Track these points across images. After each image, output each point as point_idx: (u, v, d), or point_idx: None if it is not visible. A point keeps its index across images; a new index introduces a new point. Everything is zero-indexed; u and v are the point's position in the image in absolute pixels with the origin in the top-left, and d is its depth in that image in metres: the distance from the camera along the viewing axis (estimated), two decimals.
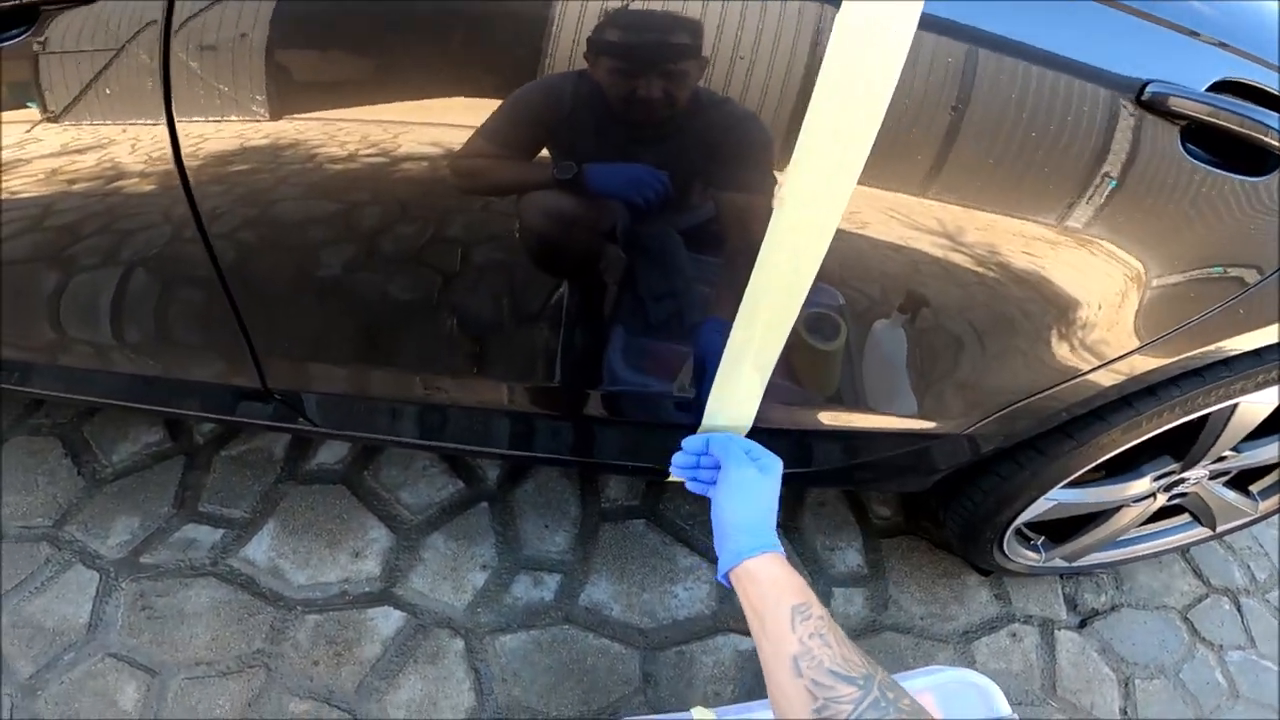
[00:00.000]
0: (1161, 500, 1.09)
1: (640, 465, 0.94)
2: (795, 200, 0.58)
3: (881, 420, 0.83)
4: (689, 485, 0.73)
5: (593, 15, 0.55)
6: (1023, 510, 1.01)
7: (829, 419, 0.83)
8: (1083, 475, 1.02)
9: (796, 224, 0.60)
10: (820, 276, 0.63)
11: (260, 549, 1.13)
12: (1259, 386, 0.85)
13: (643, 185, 0.65)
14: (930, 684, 0.89)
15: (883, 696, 0.50)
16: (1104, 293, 0.71)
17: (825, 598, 1.28)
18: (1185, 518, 1.25)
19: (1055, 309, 0.72)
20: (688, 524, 1.29)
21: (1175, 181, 0.64)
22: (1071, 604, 1.41)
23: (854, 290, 0.71)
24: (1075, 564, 1.26)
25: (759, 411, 0.74)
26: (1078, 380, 0.77)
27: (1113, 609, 1.43)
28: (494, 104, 0.60)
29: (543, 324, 0.76)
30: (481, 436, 0.93)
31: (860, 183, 0.57)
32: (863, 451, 0.90)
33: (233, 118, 0.62)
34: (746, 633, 1.19)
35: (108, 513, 1.14)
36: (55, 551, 1.10)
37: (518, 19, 0.58)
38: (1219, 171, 0.64)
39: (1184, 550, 1.56)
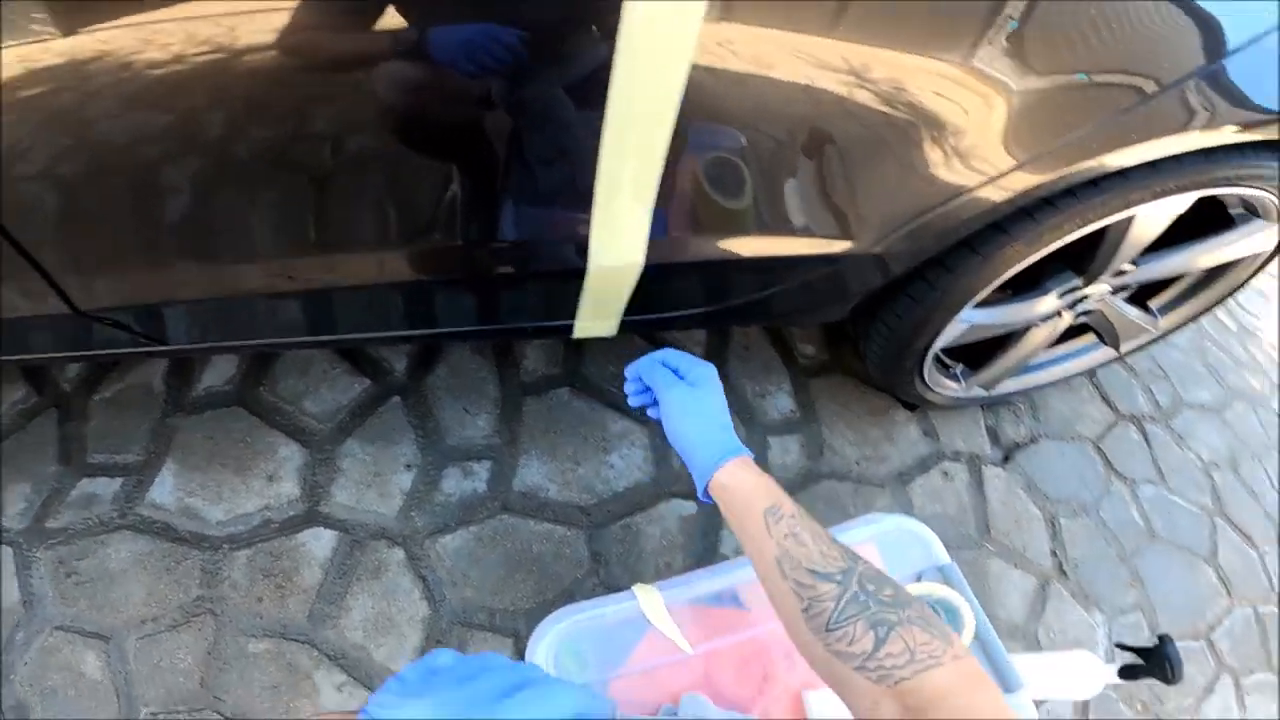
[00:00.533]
0: (1068, 319, 1.12)
1: (547, 325, 0.90)
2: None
3: (793, 244, 0.81)
4: (648, 413, 0.71)
5: None
6: (938, 334, 1.02)
7: (740, 248, 0.81)
8: (991, 296, 1.04)
9: (650, 40, 0.55)
10: (723, 119, 0.62)
11: (165, 491, 1.06)
12: (1155, 198, 0.86)
13: (477, 50, 0.57)
14: (872, 534, 0.92)
15: (862, 590, 0.50)
16: (980, 114, 0.72)
17: (761, 447, 1.29)
18: (1090, 338, 1.30)
19: (939, 131, 0.72)
20: (613, 385, 1.27)
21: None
22: (994, 437, 1.47)
23: (758, 132, 0.69)
24: (994, 392, 1.30)
25: (665, 250, 0.71)
26: (967, 196, 0.78)
27: (1032, 440, 1.50)
28: None
29: (427, 191, 0.70)
30: (372, 321, 0.86)
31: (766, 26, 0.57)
32: (778, 279, 0.89)
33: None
34: (688, 496, 1.21)
35: None
36: None
37: None
38: None
39: (1092, 373, 1.62)
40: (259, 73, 0.59)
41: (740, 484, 0.59)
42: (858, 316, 1.08)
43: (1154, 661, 0.91)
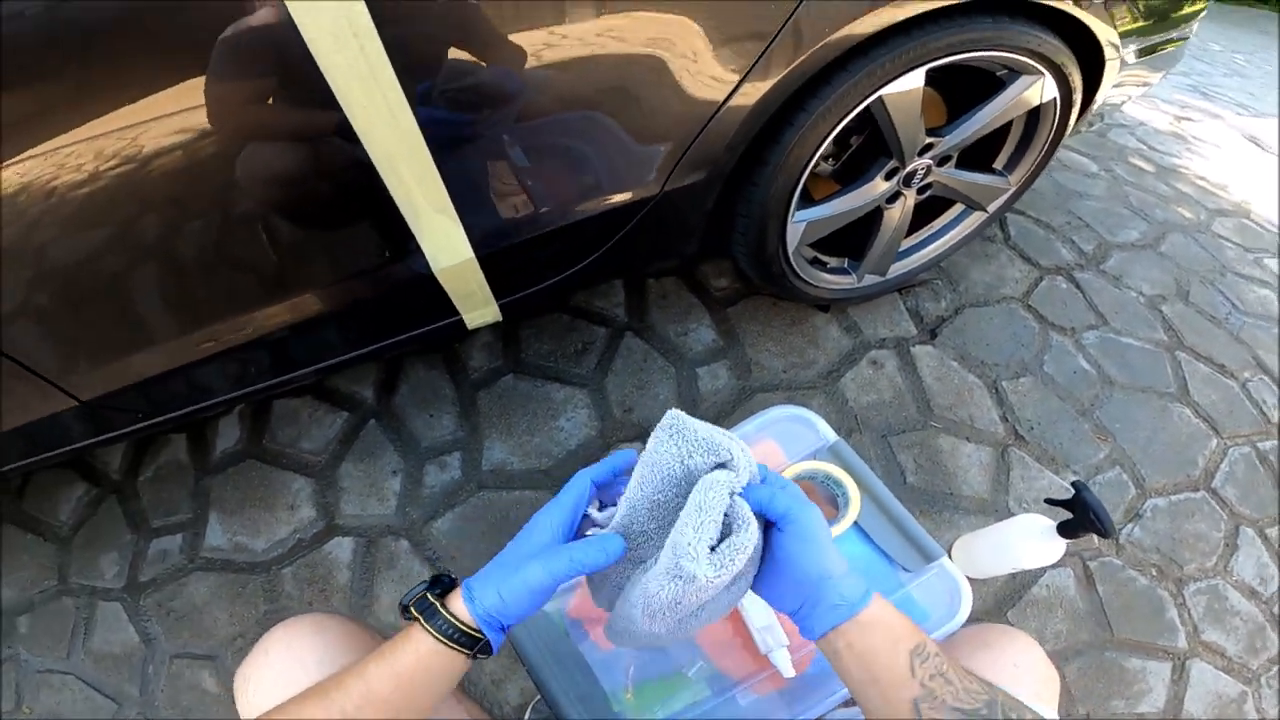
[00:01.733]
0: (912, 195, 1.22)
1: (443, 324, 1.06)
2: (346, 57, 0.68)
3: (594, 203, 0.95)
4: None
5: None
6: (784, 238, 1.14)
7: (548, 220, 0.94)
8: (820, 193, 1.17)
9: (362, 85, 0.70)
10: (471, 120, 0.74)
11: (217, 535, 1.30)
12: (890, 77, 0.97)
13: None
14: (762, 427, 0.98)
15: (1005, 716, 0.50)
16: (684, 49, 0.83)
17: (691, 379, 1.41)
18: (959, 207, 1.39)
19: (664, 69, 0.84)
20: (549, 360, 1.43)
21: None
22: (917, 317, 1.52)
23: (513, 117, 0.82)
24: (889, 276, 1.40)
25: (487, 238, 0.87)
26: (718, 116, 0.90)
27: (956, 312, 1.53)
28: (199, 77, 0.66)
29: (312, 240, 0.87)
30: (311, 354, 1.03)
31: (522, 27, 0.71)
32: (604, 235, 1.02)
33: None
34: (633, 440, 1.34)
35: (90, 557, 1.31)
36: (76, 599, 1.27)
37: None
38: None
39: (1006, 238, 1.66)
40: (172, 171, 0.71)
41: (885, 623, 0.54)
42: (719, 243, 1.20)
43: (1079, 513, 0.90)
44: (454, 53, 0.75)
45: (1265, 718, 1.21)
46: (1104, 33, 1.08)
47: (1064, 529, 0.94)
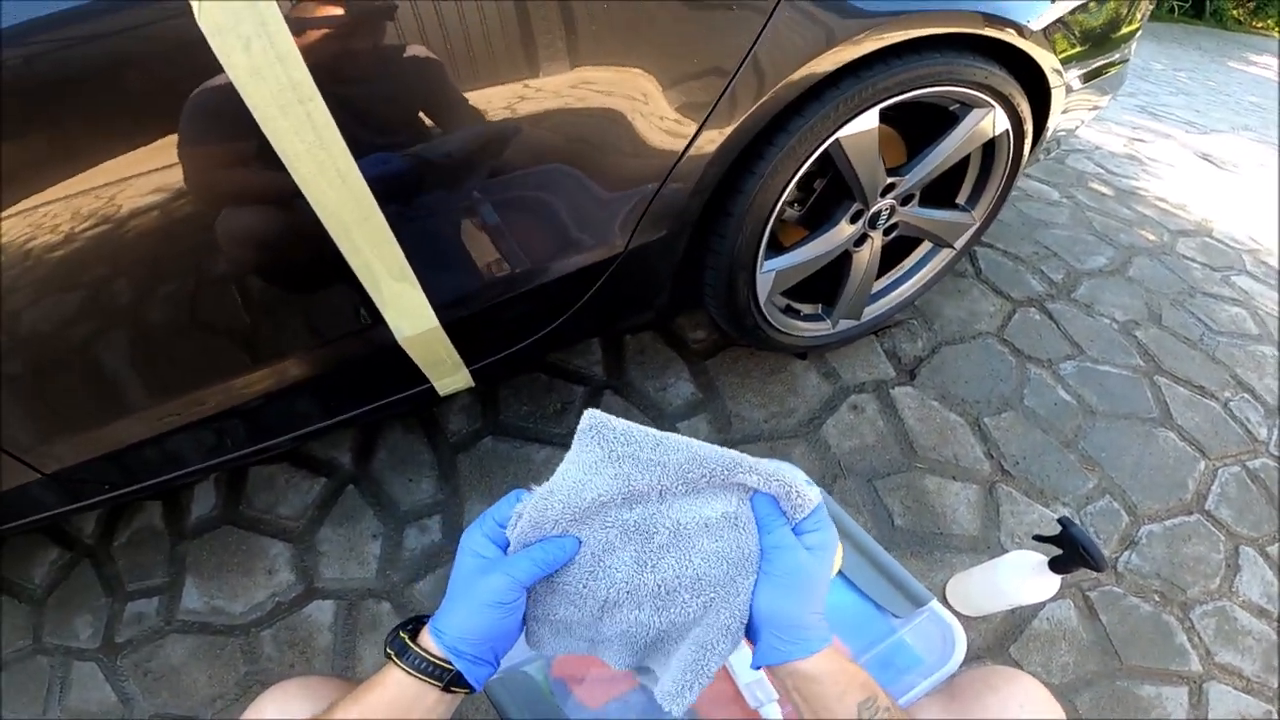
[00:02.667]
0: (879, 237, 1.24)
1: (415, 391, 1.05)
2: (289, 136, 0.68)
3: (559, 265, 0.95)
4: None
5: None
6: (755, 289, 1.15)
7: (511, 286, 0.94)
8: (787, 241, 1.18)
9: (309, 152, 0.70)
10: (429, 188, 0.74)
11: (194, 599, 1.27)
12: (844, 119, 0.99)
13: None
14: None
15: None
16: (641, 103, 0.84)
17: (670, 430, 1.40)
18: (928, 245, 1.41)
19: (622, 128, 0.85)
20: (528, 421, 1.42)
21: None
22: (895, 358, 1.53)
23: (468, 187, 0.83)
24: (864, 320, 1.41)
25: (450, 306, 0.87)
26: (674, 171, 0.91)
27: (933, 351, 1.54)
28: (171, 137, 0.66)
29: (277, 310, 0.86)
30: (281, 425, 1.02)
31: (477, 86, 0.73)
32: (571, 297, 1.02)
33: None
34: None
35: (64, 619, 1.28)
36: (51, 659, 1.24)
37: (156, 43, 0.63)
38: None
39: (977, 272, 1.69)
40: (143, 235, 0.70)
41: (831, 674, 0.54)
42: (690, 297, 1.21)
43: (1068, 549, 0.89)
44: (404, 115, 0.76)
45: None
46: (1046, 60, 1.12)
47: (1055, 565, 0.93)
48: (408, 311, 0.87)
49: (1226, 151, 3.03)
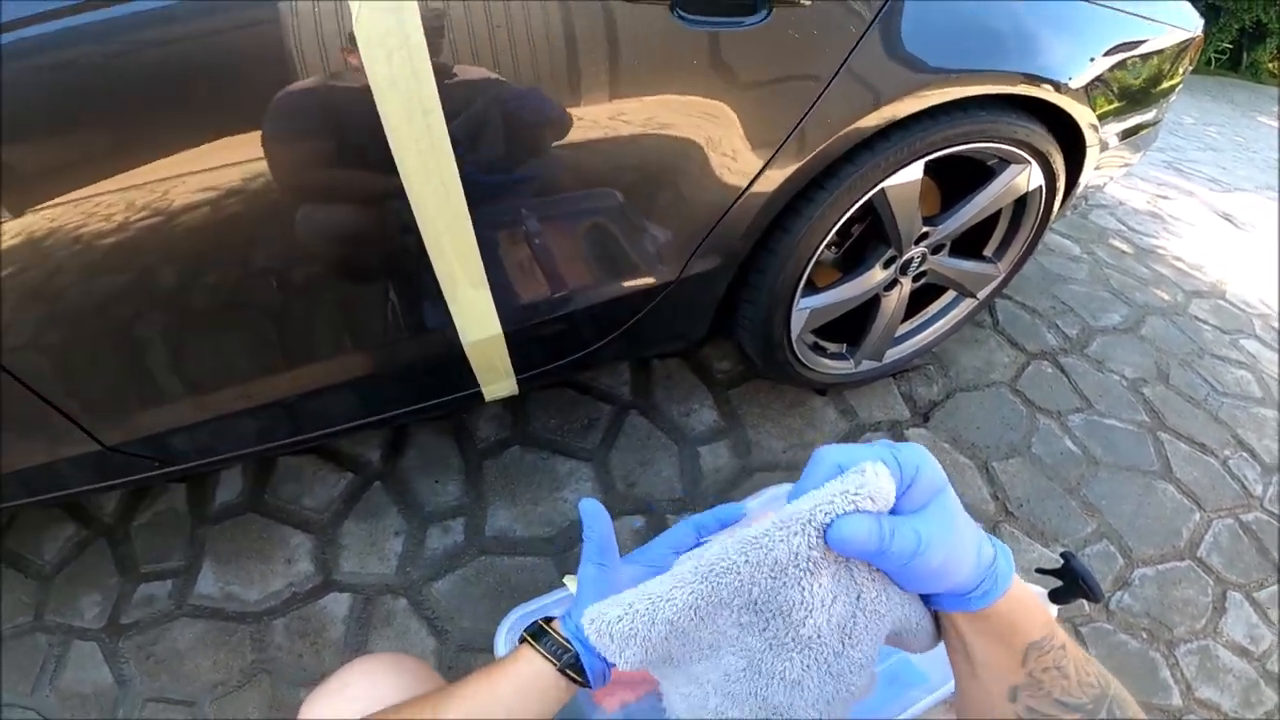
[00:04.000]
0: (908, 283, 1.28)
1: (463, 394, 1.09)
2: (409, 144, 0.74)
3: (616, 288, 1.00)
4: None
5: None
6: (787, 325, 1.19)
7: (572, 302, 0.99)
8: (821, 282, 1.22)
9: (422, 160, 0.75)
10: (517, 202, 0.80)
11: (209, 584, 1.29)
12: (892, 169, 1.03)
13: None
14: (765, 504, 0.97)
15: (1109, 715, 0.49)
16: (717, 136, 0.89)
17: (693, 458, 1.44)
18: (952, 294, 1.45)
19: (693, 161, 0.90)
20: (555, 434, 1.46)
21: (671, 44, 0.82)
22: (910, 400, 1.58)
23: (552, 205, 0.88)
24: (885, 362, 1.45)
25: (514, 317, 0.93)
26: (735, 206, 0.96)
27: (948, 397, 1.59)
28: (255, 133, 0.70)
29: (343, 308, 0.90)
30: (327, 418, 1.05)
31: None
32: (622, 318, 1.06)
33: None
34: (636, 513, 1.38)
35: (70, 596, 1.29)
36: (51, 636, 1.25)
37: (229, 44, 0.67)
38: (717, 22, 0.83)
39: (995, 323, 1.73)
40: (193, 228, 0.73)
41: (1015, 610, 0.47)
42: (724, 327, 1.25)
43: (1069, 581, 0.89)
44: (505, 134, 0.81)
45: None
46: (1083, 116, 1.16)
47: (1054, 596, 0.94)
48: (477, 318, 0.91)
49: (1247, 211, 3.08)
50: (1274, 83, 8.22)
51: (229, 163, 0.72)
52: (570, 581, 0.81)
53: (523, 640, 0.56)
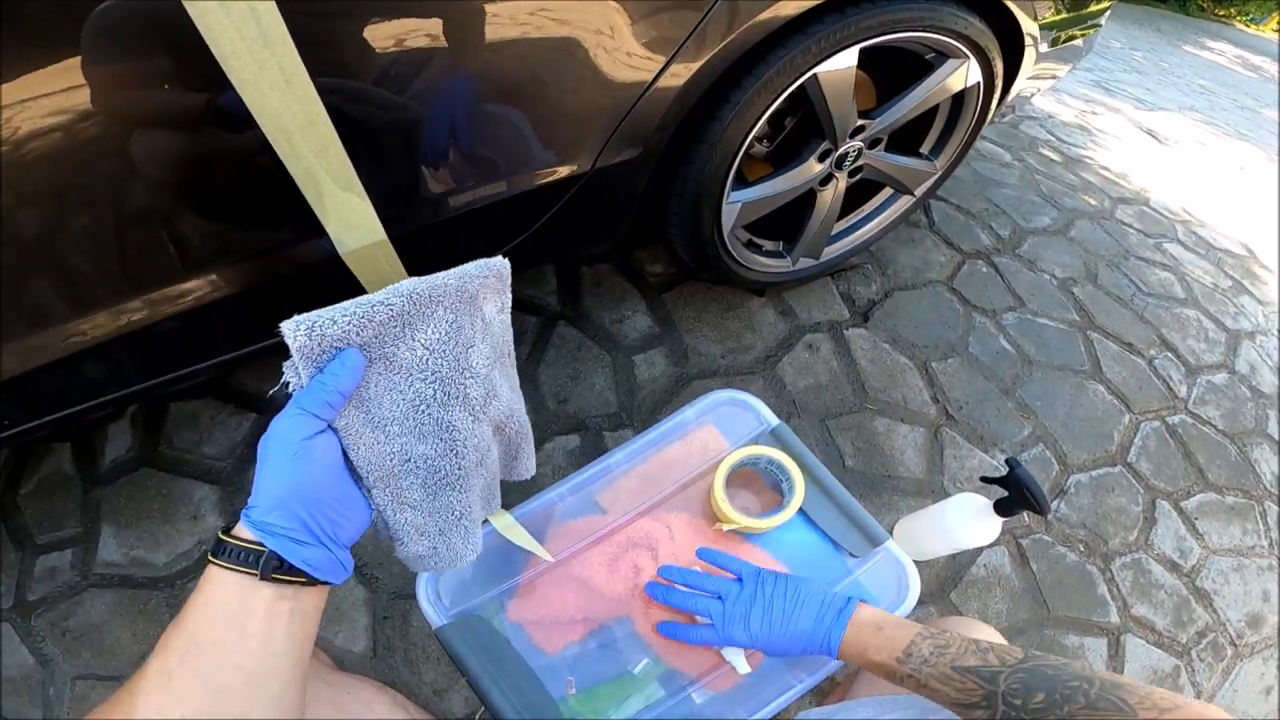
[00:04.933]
0: (844, 178, 1.22)
1: None
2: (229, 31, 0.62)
3: (519, 181, 0.90)
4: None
5: None
6: (720, 219, 1.12)
7: (466, 199, 0.88)
8: (754, 174, 1.15)
9: (250, 49, 0.63)
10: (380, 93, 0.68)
11: (111, 550, 1.17)
12: (824, 54, 0.96)
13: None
14: (702, 412, 0.96)
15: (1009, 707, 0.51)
16: (616, 29, 0.80)
17: (628, 367, 1.38)
18: (889, 191, 1.41)
19: (592, 46, 0.80)
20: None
21: None
22: (849, 300, 1.54)
23: (422, 93, 0.76)
24: (822, 260, 1.41)
25: (398, 219, 0.81)
26: (645, 98, 0.87)
27: (886, 296, 1.56)
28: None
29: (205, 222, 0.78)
30: (241, 337, 0.93)
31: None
32: (532, 214, 0.97)
33: None
34: (570, 431, 1.27)
35: None
36: None
37: None
38: None
39: (931, 223, 1.71)
40: (45, 157, 0.63)
41: (860, 649, 0.63)
42: (652, 224, 1.17)
43: (1014, 491, 0.91)
44: (362, 18, 0.68)
45: (1200, 691, 1.26)
46: (1025, 20, 1.11)
47: (1000, 507, 0.95)
48: (353, 224, 0.79)
49: (1170, 129, 3.16)
50: (1201, 15, 8.46)
51: (58, 89, 0.61)
52: (495, 518, 0.77)
53: (209, 559, 0.46)
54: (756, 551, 0.86)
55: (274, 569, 0.44)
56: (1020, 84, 1.29)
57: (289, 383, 0.49)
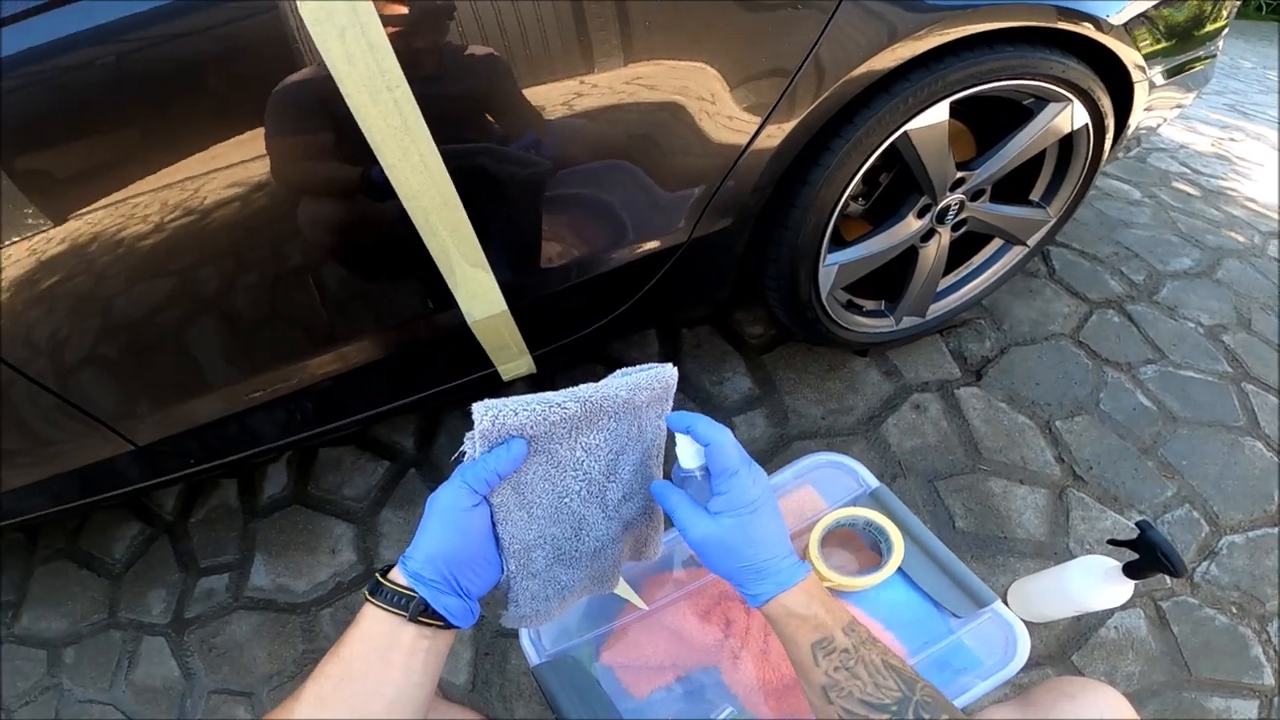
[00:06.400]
0: (947, 233, 1.20)
1: (479, 375, 1.08)
2: (378, 121, 0.72)
3: (625, 253, 0.96)
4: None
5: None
6: (817, 282, 1.13)
7: (579, 273, 0.95)
8: (851, 235, 1.16)
9: (395, 137, 0.73)
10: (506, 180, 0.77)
11: (261, 576, 1.33)
12: (913, 111, 0.96)
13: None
14: (800, 474, 0.98)
15: (916, 716, 0.52)
16: (708, 94, 0.84)
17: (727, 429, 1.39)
18: (999, 242, 1.36)
19: (685, 118, 0.85)
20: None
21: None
22: (960, 358, 1.48)
23: (542, 178, 0.85)
24: (929, 318, 1.37)
25: (519, 292, 0.90)
26: (739, 164, 0.90)
27: (1002, 352, 1.49)
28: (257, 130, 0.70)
29: (356, 295, 0.90)
30: (356, 404, 1.06)
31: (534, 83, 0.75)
32: (635, 285, 1.02)
33: (10, 241, 0.69)
34: None
35: (139, 593, 1.35)
36: (123, 633, 1.32)
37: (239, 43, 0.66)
38: None
39: (1050, 272, 1.62)
40: (227, 224, 0.74)
41: (787, 614, 0.58)
42: (751, 290, 1.20)
43: (1146, 554, 0.87)
44: (484, 104, 0.78)
45: None
46: (1128, 55, 1.07)
47: (1130, 570, 0.90)
48: (479, 296, 0.89)
49: None
50: None
51: (238, 161, 0.72)
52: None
53: (365, 596, 0.54)
54: (853, 610, 0.85)
55: (420, 612, 0.52)
56: (1136, 118, 1.23)
57: (465, 452, 0.58)
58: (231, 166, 0.72)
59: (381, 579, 0.54)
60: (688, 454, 0.65)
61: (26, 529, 1.49)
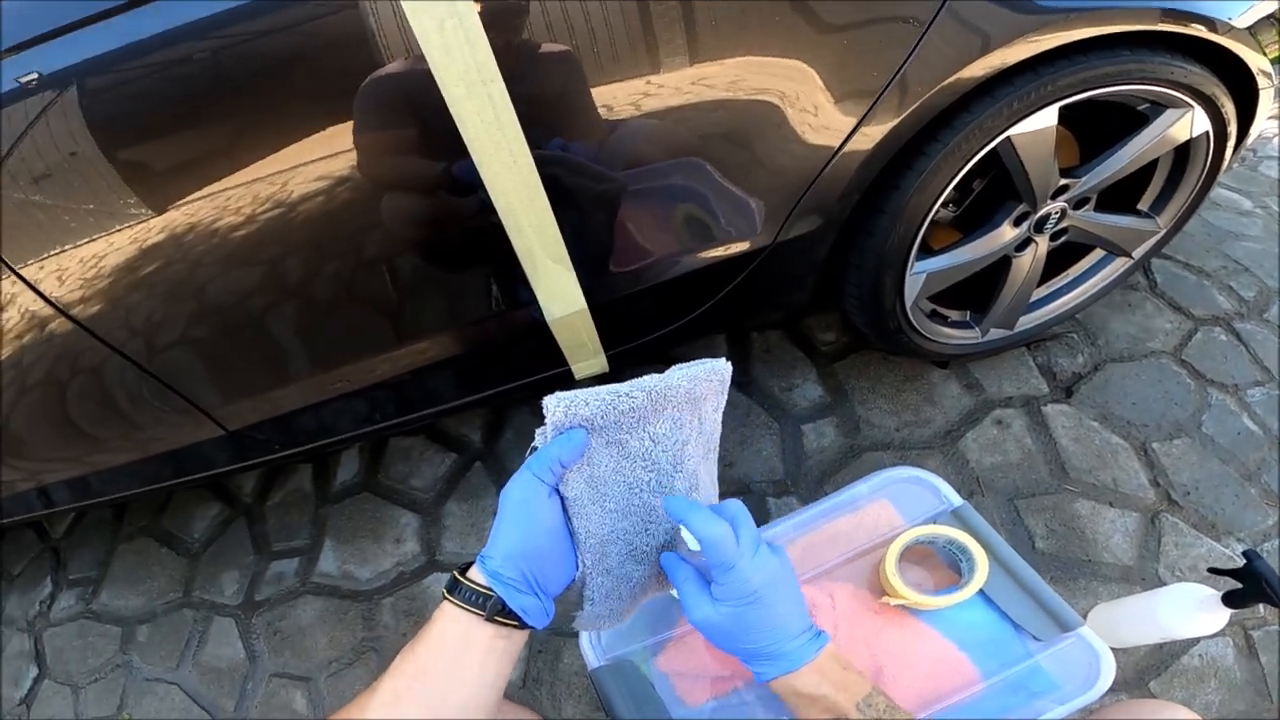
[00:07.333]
0: (1044, 242, 1.14)
1: (552, 373, 1.08)
2: (472, 115, 0.72)
3: (709, 254, 0.94)
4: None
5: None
6: (902, 291, 1.09)
7: (660, 272, 0.94)
8: (940, 242, 1.11)
9: (488, 131, 0.73)
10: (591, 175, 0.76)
11: (329, 562, 1.37)
12: (1017, 116, 0.91)
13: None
14: (876, 488, 0.94)
15: None
16: (802, 95, 0.82)
17: (795, 436, 1.36)
18: (1100, 253, 1.28)
19: (778, 117, 0.82)
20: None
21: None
22: (1049, 374, 1.41)
23: (631, 174, 0.84)
24: (1017, 330, 1.31)
25: (600, 291, 0.90)
26: (829, 167, 0.87)
27: (1096, 368, 1.41)
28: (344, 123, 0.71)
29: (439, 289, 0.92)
30: (434, 396, 1.08)
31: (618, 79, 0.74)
32: (716, 286, 1.00)
33: (114, 229, 0.74)
34: (739, 495, 1.29)
35: (214, 574, 1.41)
36: (195, 613, 1.38)
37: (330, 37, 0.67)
38: None
39: (1153, 285, 1.54)
40: (313, 217, 0.76)
41: (793, 698, 0.57)
42: (830, 296, 1.16)
43: (1249, 583, 0.84)
44: (573, 102, 0.77)
45: None
46: (1253, 59, 0.99)
47: (1230, 599, 0.87)
48: (560, 294, 0.89)
49: None
50: None
51: (330, 153, 0.73)
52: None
53: (444, 594, 0.54)
54: (926, 629, 0.82)
55: (497, 612, 0.52)
56: (1259, 126, 1.14)
57: (536, 448, 0.58)
58: (319, 160, 0.73)
59: (460, 577, 0.54)
60: (689, 538, 0.62)
61: (116, 507, 1.57)
